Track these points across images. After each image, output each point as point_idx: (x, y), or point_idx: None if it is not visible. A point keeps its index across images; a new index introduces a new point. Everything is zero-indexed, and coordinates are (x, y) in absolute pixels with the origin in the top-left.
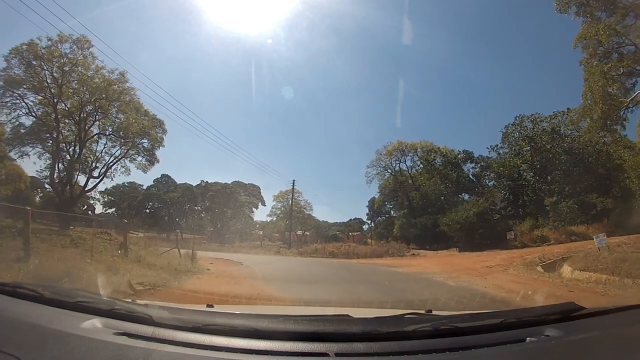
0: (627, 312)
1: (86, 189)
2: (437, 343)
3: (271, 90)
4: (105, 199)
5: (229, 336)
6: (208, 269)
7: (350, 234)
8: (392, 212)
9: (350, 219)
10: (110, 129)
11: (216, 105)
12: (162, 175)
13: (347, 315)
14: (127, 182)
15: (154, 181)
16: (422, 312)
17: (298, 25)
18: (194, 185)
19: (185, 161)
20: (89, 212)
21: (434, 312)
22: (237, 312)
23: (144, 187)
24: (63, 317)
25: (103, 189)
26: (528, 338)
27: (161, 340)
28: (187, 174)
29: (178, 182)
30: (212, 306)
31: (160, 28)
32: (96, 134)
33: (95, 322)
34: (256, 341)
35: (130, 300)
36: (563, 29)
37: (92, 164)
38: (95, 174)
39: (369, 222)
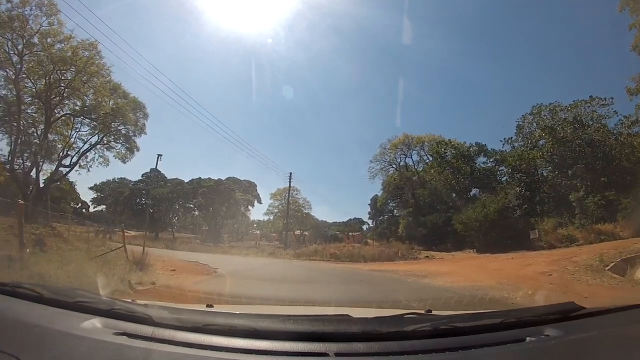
0: (627, 312)
1: (55, 178)
2: (437, 343)
3: (271, 90)
4: (96, 196)
5: (229, 336)
6: (153, 282)
7: (350, 234)
8: (395, 211)
9: (350, 219)
10: (82, 111)
11: (216, 105)
12: (151, 169)
13: (347, 316)
14: (118, 178)
15: (142, 176)
16: (422, 312)
17: (298, 25)
18: (187, 181)
19: (177, 157)
20: (84, 211)
21: (434, 312)
22: (237, 312)
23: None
24: (63, 317)
25: (92, 185)
26: (528, 338)
27: (161, 340)
28: (180, 170)
29: (169, 178)
30: (212, 306)
31: (160, 28)
32: (63, 115)
33: (95, 323)
34: (256, 341)
35: (130, 301)
36: (564, 28)
37: (63, 151)
38: (68, 162)
39: (370, 221)
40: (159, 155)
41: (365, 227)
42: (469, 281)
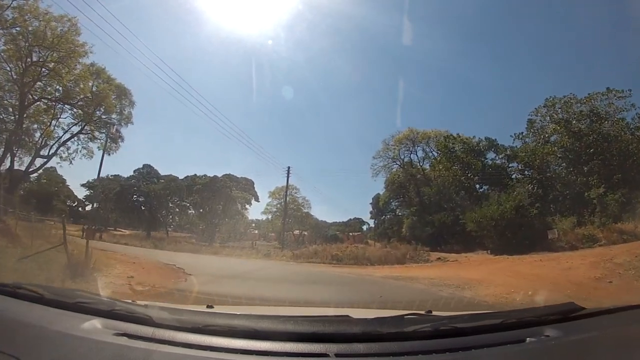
0: (627, 312)
1: (30, 169)
2: (437, 344)
3: (271, 90)
4: (88, 193)
5: (229, 337)
6: None
7: (350, 234)
8: (397, 210)
9: (350, 219)
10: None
11: (216, 106)
12: (143, 165)
13: (347, 316)
14: (112, 175)
15: (134, 171)
16: (422, 312)
17: (298, 26)
18: (181, 178)
19: (173, 154)
20: (79, 209)
21: (434, 313)
22: (237, 313)
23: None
24: (63, 318)
25: (85, 182)
26: (528, 338)
27: (161, 341)
28: (176, 168)
29: (162, 174)
30: (212, 307)
31: (160, 28)
32: (38, 100)
33: (95, 323)
34: (256, 342)
35: (130, 301)
36: (564, 28)
37: (41, 140)
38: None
39: (371, 221)
40: (110, 125)
41: (365, 227)
42: (523, 292)
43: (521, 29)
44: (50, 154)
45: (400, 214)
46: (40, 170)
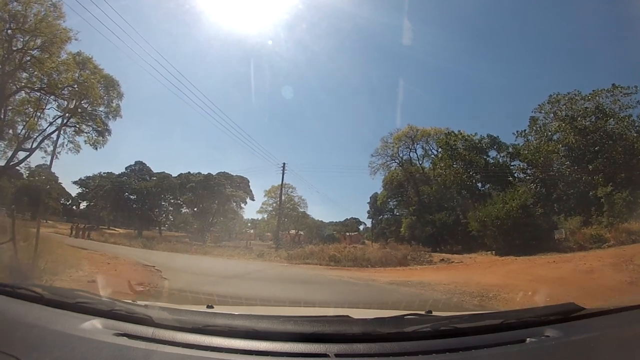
0: (627, 312)
1: (11, 163)
2: (437, 344)
3: (270, 89)
4: (80, 191)
5: (229, 337)
6: None
7: (347, 233)
8: (395, 210)
9: (347, 218)
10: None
11: (215, 105)
12: (135, 162)
13: (347, 316)
14: (104, 172)
15: (126, 168)
16: (422, 313)
17: (298, 26)
18: (174, 175)
19: (164, 149)
20: (73, 207)
21: (434, 313)
22: (237, 313)
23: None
24: (63, 318)
25: (77, 179)
26: (528, 338)
27: (161, 341)
28: (172, 167)
29: (156, 172)
30: (212, 307)
31: (160, 29)
32: (19, 89)
33: (95, 323)
34: (256, 342)
35: (130, 301)
36: (566, 24)
37: (24, 133)
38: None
39: (368, 220)
40: (69, 100)
41: (361, 227)
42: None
43: (522, 26)
44: (33, 147)
45: (398, 213)
46: (33, 167)
